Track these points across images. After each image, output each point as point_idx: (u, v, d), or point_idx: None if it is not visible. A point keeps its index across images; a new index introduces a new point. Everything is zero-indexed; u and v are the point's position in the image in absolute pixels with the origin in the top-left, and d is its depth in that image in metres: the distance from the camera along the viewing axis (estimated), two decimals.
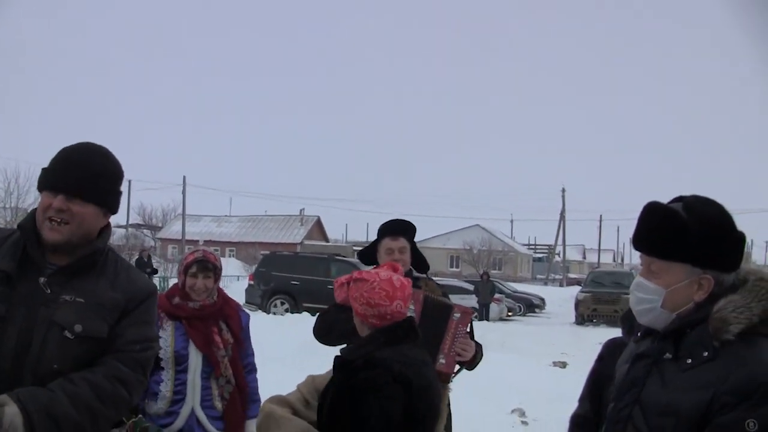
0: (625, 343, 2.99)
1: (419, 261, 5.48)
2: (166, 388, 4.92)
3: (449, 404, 5.35)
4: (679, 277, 2.74)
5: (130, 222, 76.50)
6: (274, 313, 26.71)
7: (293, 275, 29.12)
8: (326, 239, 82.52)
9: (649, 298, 2.80)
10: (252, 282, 30.61)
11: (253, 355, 5.43)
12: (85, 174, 3.24)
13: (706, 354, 2.62)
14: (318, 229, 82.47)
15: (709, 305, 2.68)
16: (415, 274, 5.43)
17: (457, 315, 5.07)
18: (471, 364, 5.22)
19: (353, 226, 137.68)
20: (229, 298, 5.37)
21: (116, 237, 59.97)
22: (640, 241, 2.86)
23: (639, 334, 2.94)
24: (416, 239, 5.54)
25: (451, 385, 5.22)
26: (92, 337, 3.20)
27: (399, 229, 5.41)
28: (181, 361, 4.94)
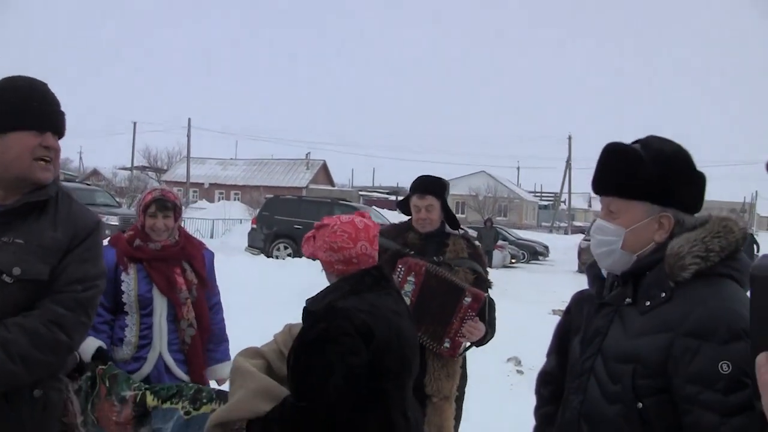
0: (592, 295, 2.92)
1: (451, 218, 5.42)
2: (131, 333, 4.78)
3: (463, 365, 5.36)
4: (638, 215, 2.70)
5: (135, 164, 76.62)
6: (277, 257, 26.59)
7: (297, 219, 28.69)
8: (332, 184, 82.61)
9: (609, 239, 2.76)
10: (255, 226, 30.30)
11: (219, 294, 5.29)
12: (57, 108, 3.19)
13: (663, 295, 2.57)
14: (324, 173, 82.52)
15: (666, 247, 2.62)
16: (447, 229, 5.41)
17: (468, 299, 5.03)
18: (480, 342, 5.20)
19: (359, 171, 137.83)
20: (192, 236, 5.22)
21: (120, 178, 60.10)
22: (599, 182, 2.81)
23: (607, 288, 2.88)
24: None
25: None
26: (32, 280, 3.05)
27: (426, 187, 5.34)
28: (145, 305, 4.79)
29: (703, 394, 2.35)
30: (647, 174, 2.64)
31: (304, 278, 16.41)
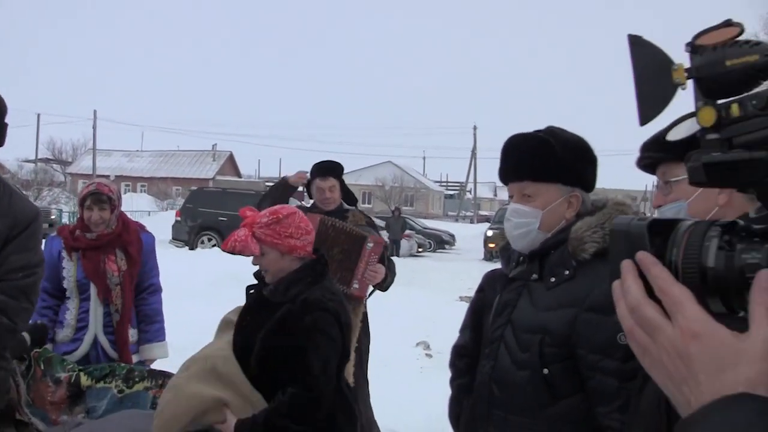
0: (504, 275, 3.18)
1: (348, 196, 6.30)
2: (70, 316, 5.13)
3: (365, 320, 5.98)
4: (553, 196, 2.95)
5: (39, 156, 75.13)
6: (202, 249, 26.59)
7: (221, 211, 28.79)
8: (239, 175, 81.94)
9: (526, 221, 2.98)
10: (179, 218, 30.25)
11: (156, 276, 5.56)
12: None
13: (567, 273, 2.86)
14: (230, 164, 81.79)
15: (570, 228, 2.90)
16: (345, 206, 6.15)
17: (371, 244, 5.71)
18: (382, 285, 5.90)
19: (266, 161, 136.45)
20: (131, 222, 5.45)
21: (25, 171, 59.02)
22: (511, 169, 3.05)
23: (514, 263, 3.14)
24: None
25: (366, 301, 5.92)
26: None
27: (327, 170, 6.12)
28: (83, 290, 5.12)
29: (603, 362, 2.67)
30: (558, 158, 2.91)
31: (213, 266, 16.67)
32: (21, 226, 3.39)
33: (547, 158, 2.94)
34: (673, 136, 1.55)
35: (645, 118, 1.27)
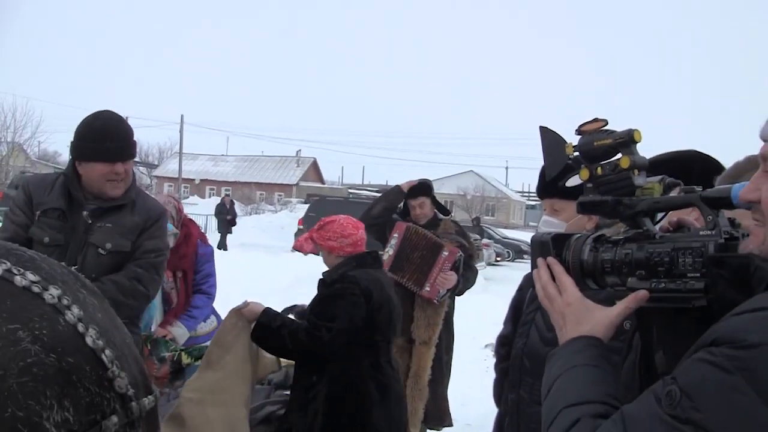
0: None
1: (441, 208, 7.24)
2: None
3: (447, 320, 6.92)
4: (574, 211, 3.42)
5: None
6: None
7: None
8: (322, 181, 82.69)
9: (550, 231, 3.34)
10: (301, 226, 30.53)
11: (206, 283, 5.96)
12: (124, 144, 4.30)
13: None
14: (314, 170, 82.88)
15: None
16: (438, 216, 7.12)
17: (446, 253, 6.54)
18: (454, 290, 6.73)
19: (349, 168, 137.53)
20: (194, 235, 5.95)
21: None
22: (543, 188, 3.69)
23: None
24: None
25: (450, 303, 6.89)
26: (119, 251, 4.28)
27: (417, 190, 6.93)
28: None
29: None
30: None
31: (293, 271, 17.31)
32: (152, 219, 4.44)
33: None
34: (570, 183, 2.72)
35: (550, 173, 2.27)
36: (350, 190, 61.44)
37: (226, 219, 31.51)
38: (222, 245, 29.49)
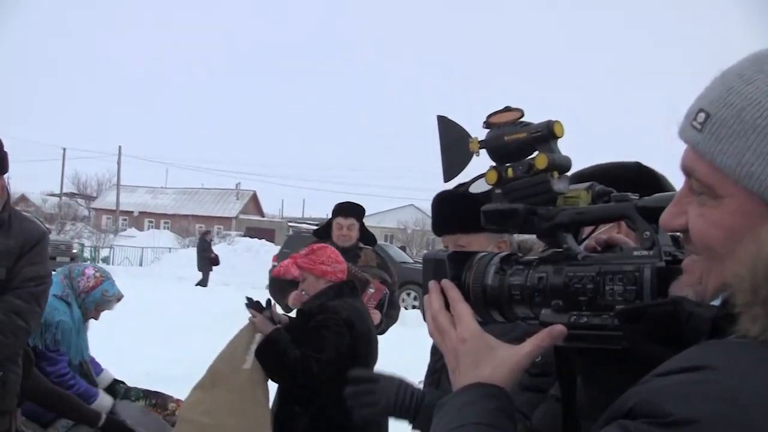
0: None
1: (366, 236, 6.89)
2: None
3: None
4: (482, 244, 3.17)
5: (64, 191, 76.04)
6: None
7: None
8: (262, 214, 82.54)
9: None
10: (275, 263, 30.09)
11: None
12: None
13: None
14: (254, 203, 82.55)
15: None
16: (360, 245, 6.73)
17: (372, 290, 6.31)
18: (376, 329, 6.31)
19: (289, 201, 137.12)
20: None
21: (49, 205, 59.83)
22: (441, 226, 3.38)
23: None
24: None
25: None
26: None
27: (350, 210, 6.71)
28: None
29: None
30: (478, 211, 3.21)
31: (223, 303, 17.12)
32: (31, 244, 4.09)
33: (472, 212, 3.26)
34: (474, 189, 1.86)
35: (448, 176, 1.81)
36: (290, 224, 61.27)
37: (209, 257, 30.86)
38: (203, 283, 29.31)
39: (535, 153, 1.58)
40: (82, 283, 5.19)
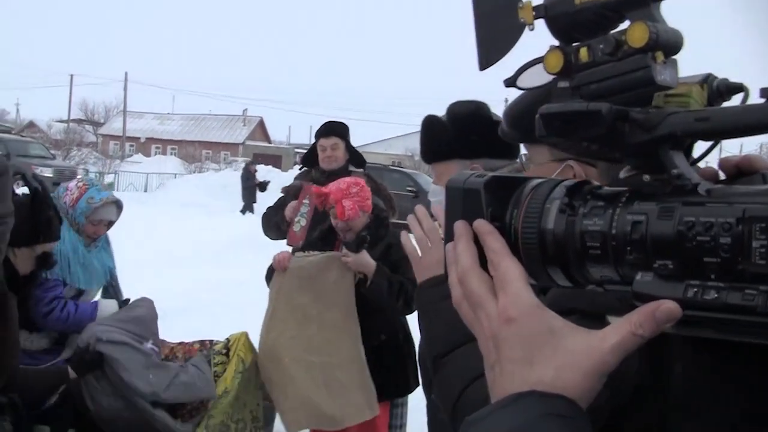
0: None
1: (355, 157, 6.23)
2: None
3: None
4: (453, 171, 2.85)
5: (71, 117, 75.69)
6: None
7: None
8: (269, 140, 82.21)
9: (438, 199, 2.83)
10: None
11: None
12: None
13: None
14: (261, 130, 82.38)
15: None
16: (350, 168, 6.12)
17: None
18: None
19: (296, 128, 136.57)
20: None
21: (56, 130, 59.47)
22: (422, 153, 3.17)
23: None
24: (357, 144, 6.35)
25: None
26: None
27: (329, 129, 6.12)
28: None
29: None
30: (447, 136, 3.00)
31: (229, 230, 17.02)
32: None
33: (438, 138, 3.05)
34: (524, 82, 1.11)
35: (486, 61, 1.14)
36: (297, 150, 60.96)
37: (253, 185, 31.26)
38: (247, 210, 29.98)
39: (626, 23, 0.96)
40: (67, 198, 4.90)
